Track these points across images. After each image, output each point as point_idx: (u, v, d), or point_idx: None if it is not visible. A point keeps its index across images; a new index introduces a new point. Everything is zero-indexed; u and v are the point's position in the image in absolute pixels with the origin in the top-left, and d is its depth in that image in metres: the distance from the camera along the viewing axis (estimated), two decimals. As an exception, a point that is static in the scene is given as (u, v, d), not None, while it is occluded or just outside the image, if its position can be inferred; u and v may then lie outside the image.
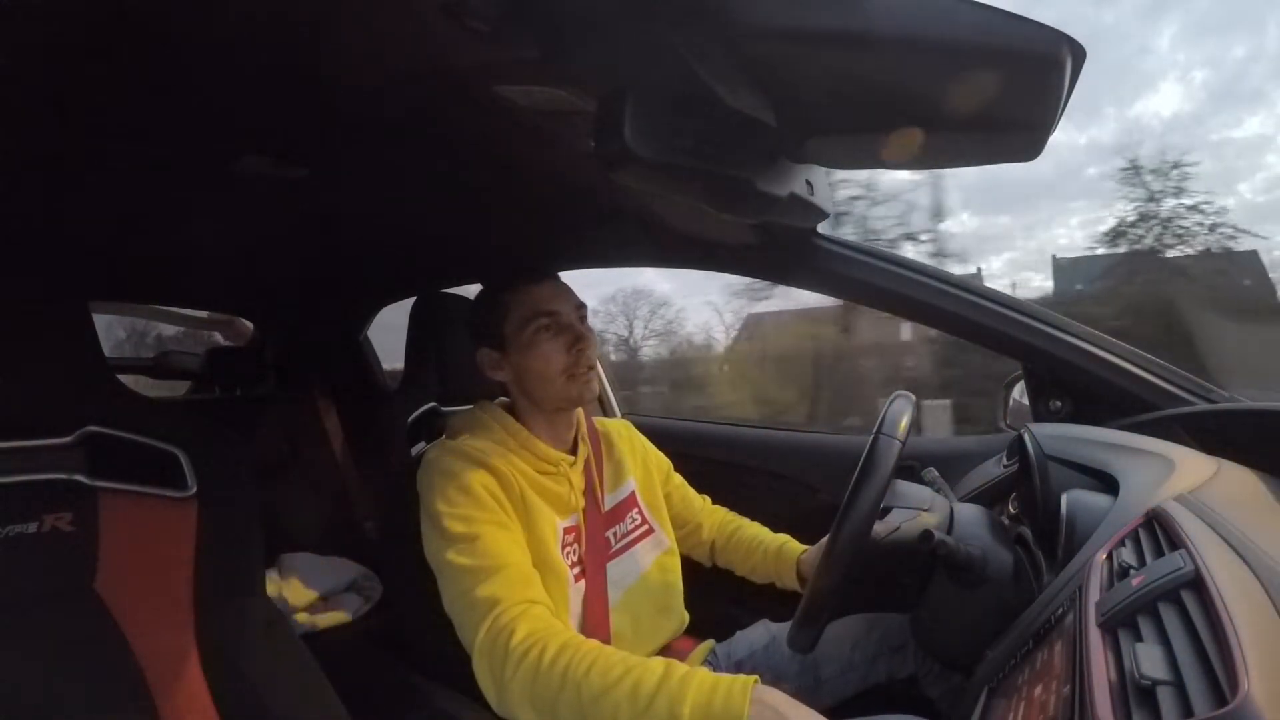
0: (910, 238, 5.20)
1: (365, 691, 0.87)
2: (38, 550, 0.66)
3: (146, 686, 0.68)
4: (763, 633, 0.99)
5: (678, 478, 1.12)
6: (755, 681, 0.59)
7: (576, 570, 0.86)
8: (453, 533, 0.75)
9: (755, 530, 1.07)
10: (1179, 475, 0.66)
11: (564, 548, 0.85)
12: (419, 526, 0.81)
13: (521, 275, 0.89)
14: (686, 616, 1.01)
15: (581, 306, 0.90)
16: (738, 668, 0.96)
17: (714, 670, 0.92)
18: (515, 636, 0.65)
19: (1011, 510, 0.90)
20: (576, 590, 0.85)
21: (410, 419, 1.23)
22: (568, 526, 0.87)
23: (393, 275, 1.63)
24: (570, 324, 0.87)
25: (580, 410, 0.97)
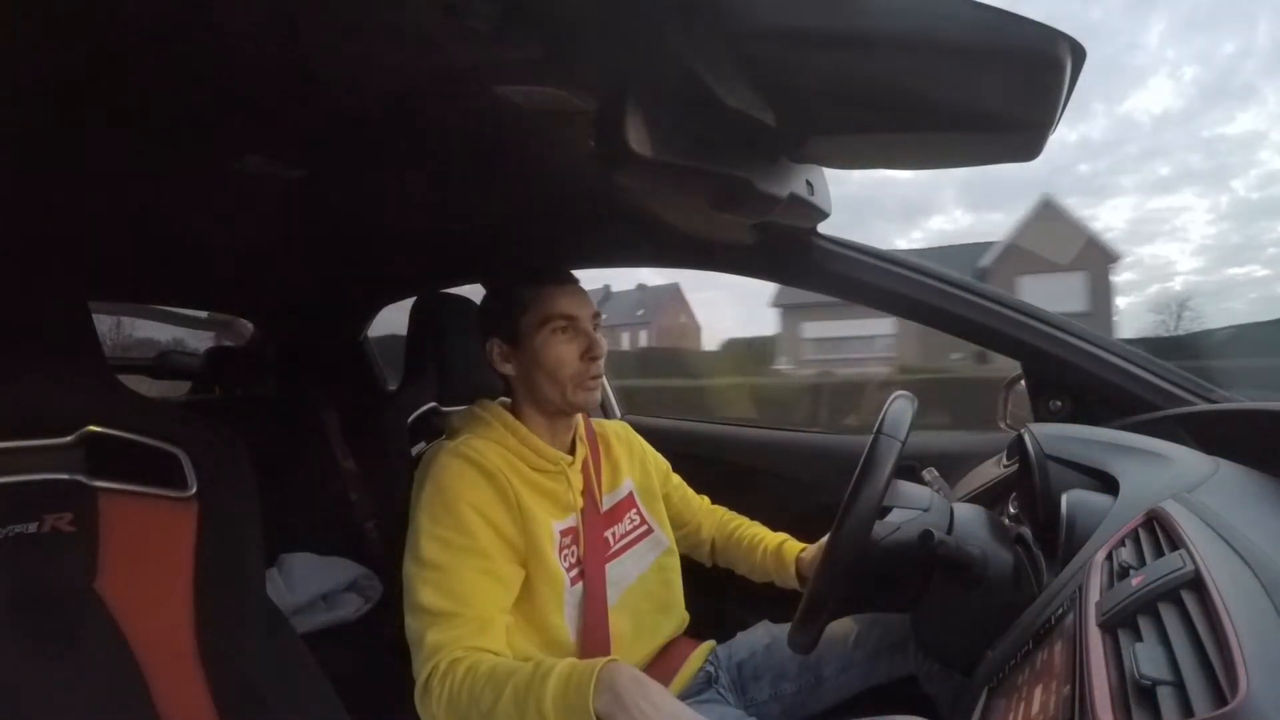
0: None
1: (365, 691, 0.87)
2: (38, 550, 0.66)
3: (146, 686, 0.67)
4: (763, 633, 0.99)
5: (676, 478, 1.12)
6: (608, 662, 0.64)
7: (574, 573, 0.86)
8: (425, 557, 0.77)
9: (754, 529, 1.07)
10: (1179, 475, 0.66)
11: (561, 550, 0.85)
12: None
13: (546, 275, 0.88)
14: (687, 616, 1.01)
15: (598, 315, 0.90)
16: (739, 668, 0.96)
17: (714, 671, 0.94)
18: (436, 675, 0.72)
19: (1011, 510, 0.89)
20: (573, 593, 0.84)
21: (410, 419, 1.23)
22: (565, 529, 0.87)
23: (393, 275, 1.63)
24: (586, 331, 0.87)
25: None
